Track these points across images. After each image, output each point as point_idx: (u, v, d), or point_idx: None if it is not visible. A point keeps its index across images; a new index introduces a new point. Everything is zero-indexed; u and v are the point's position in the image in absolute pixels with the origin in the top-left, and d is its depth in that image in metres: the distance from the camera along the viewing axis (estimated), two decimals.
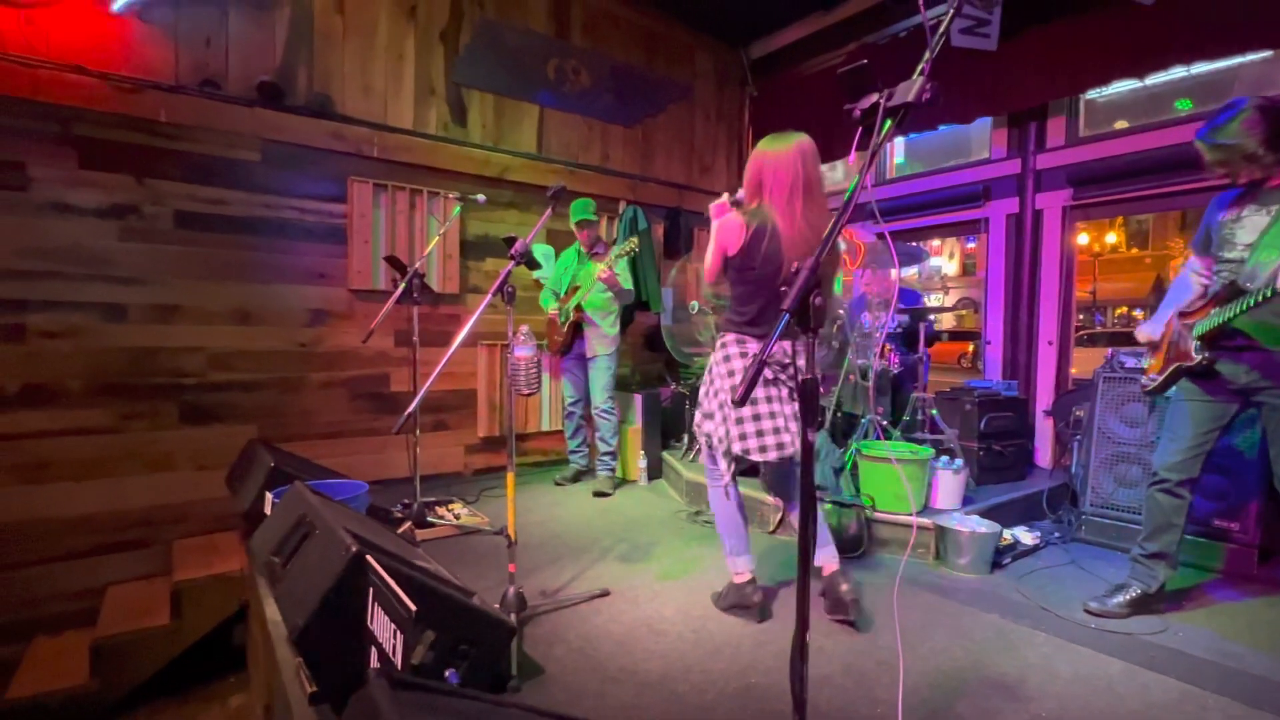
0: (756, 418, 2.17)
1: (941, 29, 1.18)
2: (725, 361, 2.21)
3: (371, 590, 1.34)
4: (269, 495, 2.42)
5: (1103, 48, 3.77)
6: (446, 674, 1.54)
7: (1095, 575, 2.79)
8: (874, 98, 1.19)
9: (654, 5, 5.15)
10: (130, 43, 3.23)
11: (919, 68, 1.17)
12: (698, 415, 2.29)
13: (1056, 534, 3.31)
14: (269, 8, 3.62)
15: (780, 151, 2.20)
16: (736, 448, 2.17)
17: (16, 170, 3.00)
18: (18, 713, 2.53)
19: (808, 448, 1.07)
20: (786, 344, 2.16)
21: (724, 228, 2.19)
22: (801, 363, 2.00)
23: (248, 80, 3.56)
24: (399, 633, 1.16)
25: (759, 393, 2.17)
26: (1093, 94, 4.22)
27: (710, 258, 2.25)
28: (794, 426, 2.18)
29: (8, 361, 3.00)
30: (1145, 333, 2.46)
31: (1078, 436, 3.49)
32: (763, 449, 2.15)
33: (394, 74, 4.10)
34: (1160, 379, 2.35)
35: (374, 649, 1.31)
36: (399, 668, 1.14)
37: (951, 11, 1.21)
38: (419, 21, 4.17)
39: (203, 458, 3.47)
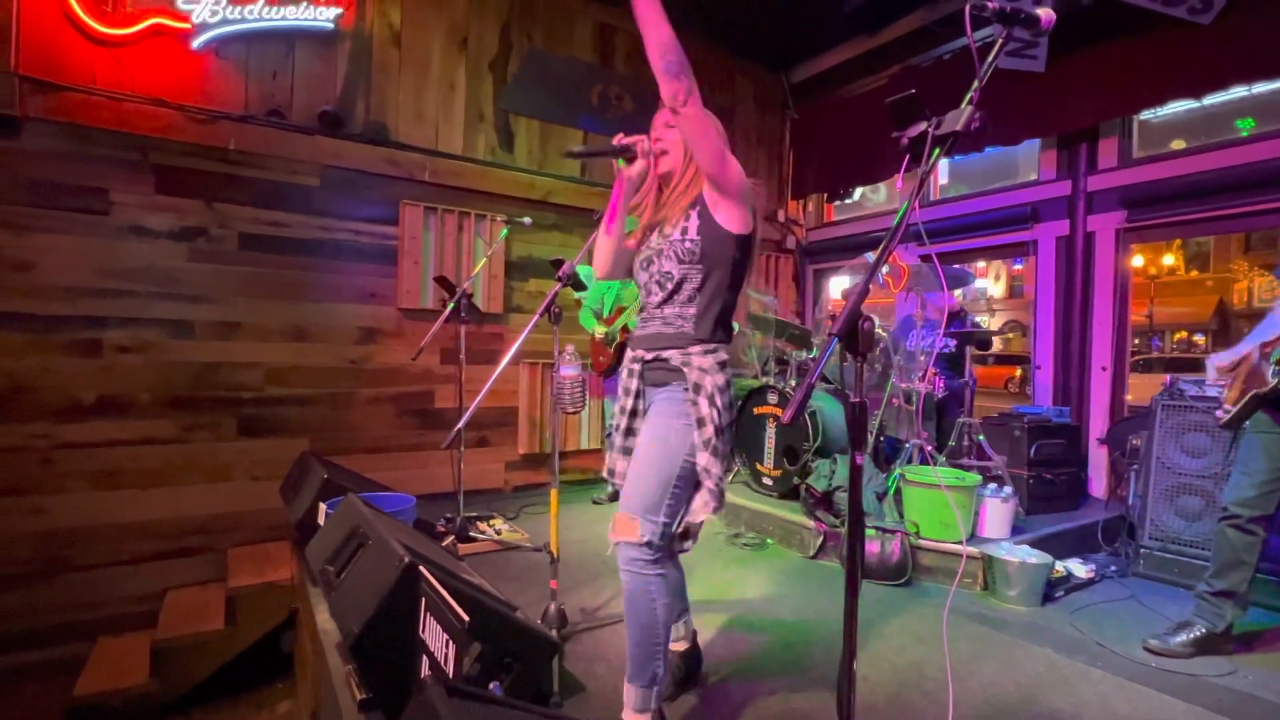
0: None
1: (990, 59, 1.19)
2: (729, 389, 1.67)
3: (424, 600, 1.38)
4: (322, 506, 2.51)
5: (1157, 68, 3.69)
6: (491, 686, 1.57)
7: (1155, 612, 2.67)
8: (922, 126, 1.21)
9: (696, 32, 5.24)
10: (206, 77, 3.46)
11: (967, 96, 1.18)
12: (724, 460, 1.64)
13: (1113, 567, 3.18)
14: (331, 42, 3.84)
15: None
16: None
17: (101, 195, 3.23)
18: (84, 710, 2.65)
19: (856, 470, 1.08)
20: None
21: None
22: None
23: (310, 110, 3.76)
24: (451, 643, 1.20)
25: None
26: (1146, 115, 4.13)
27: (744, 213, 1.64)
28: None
29: (86, 374, 3.20)
30: (1217, 361, 2.35)
31: (1135, 466, 3.36)
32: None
33: (445, 102, 4.27)
34: (1236, 410, 2.24)
35: (425, 658, 1.35)
36: (451, 677, 1.18)
37: (1000, 41, 1.22)
38: (470, 52, 4.35)
39: (257, 469, 3.62)
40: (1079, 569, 3.02)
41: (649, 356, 1.71)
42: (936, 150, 1.18)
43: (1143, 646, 2.33)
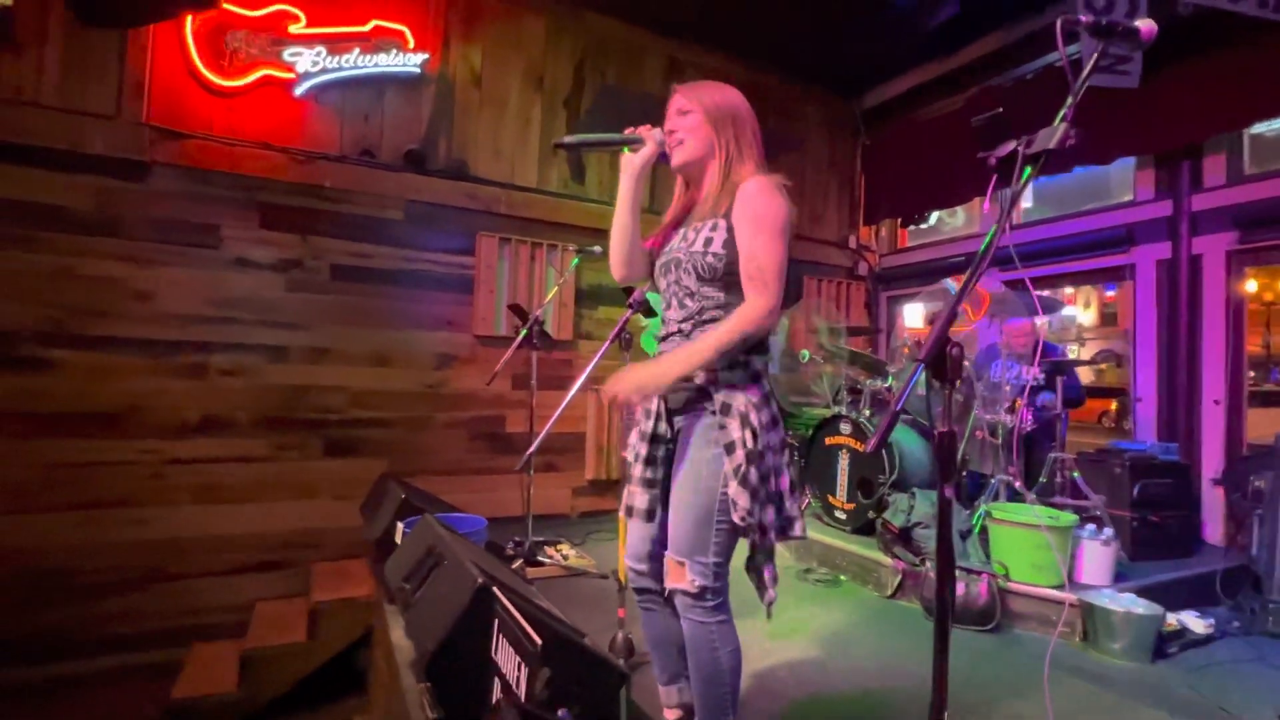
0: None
1: (1084, 74, 1.14)
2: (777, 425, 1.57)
3: (497, 622, 1.39)
4: (399, 525, 2.59)
5: (1271, 78, 3.43)
6: (560, 713, 1.56)
7: None
8: (1011, 145, 1.16)
9: (766, 62, 5.28)
10: (306, 121, 3.75)
11: (1061, 113, 1.13)
12: (758, 491, 1.47)
13: (1235, 623, 2.86)
14: (418, 85, 4.09)
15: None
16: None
17: (212, 231, 3.53)
18: (178, 711, 2.81)
19: (945, 505, 1.02)
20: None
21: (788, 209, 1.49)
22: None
23: (397, 149, 4.01)
24: (523, 665, 1.20)
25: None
26: (1260, 128, 3.82)
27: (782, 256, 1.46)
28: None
29: (193, 395, 3.46)
30: None
31: (1258, 511, 3.04)
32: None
33: (521, 138, 4.46)
34: None
35: (497, 679, 1.35)
36: (523, 700, 1.18)
37: (1095, 56, 1.16)
38: (545, 90, 4.53)
39: (340, 488, 3.79)
40: (1195, 623, 2.73)
41: None
42: (1028, 170, 1.13)
43: (1277, 716, 2.08)
